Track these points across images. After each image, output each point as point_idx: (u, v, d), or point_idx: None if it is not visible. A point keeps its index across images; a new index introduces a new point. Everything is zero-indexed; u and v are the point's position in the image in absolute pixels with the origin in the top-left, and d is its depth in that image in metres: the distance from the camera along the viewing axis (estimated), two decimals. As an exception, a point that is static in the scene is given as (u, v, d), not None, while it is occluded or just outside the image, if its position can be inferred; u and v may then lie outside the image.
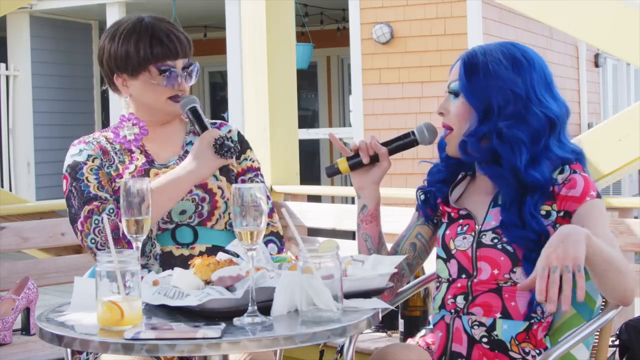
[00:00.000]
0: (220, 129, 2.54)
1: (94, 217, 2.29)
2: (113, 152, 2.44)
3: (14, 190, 9.91)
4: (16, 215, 3.99)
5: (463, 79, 2.12)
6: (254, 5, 4.47)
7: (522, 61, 2.12)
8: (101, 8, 9.76)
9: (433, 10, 8.10)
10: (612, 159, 3.52)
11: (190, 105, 2.42)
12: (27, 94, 10.13)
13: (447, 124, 2.16)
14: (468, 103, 2.12)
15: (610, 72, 12.63)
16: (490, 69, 2.10)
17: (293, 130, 4.63)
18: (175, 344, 1.59)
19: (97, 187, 2.35)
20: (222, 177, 2.44)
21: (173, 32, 2.42)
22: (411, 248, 2.31)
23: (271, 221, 2.49)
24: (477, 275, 2.11)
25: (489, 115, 2.09)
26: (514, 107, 2.08)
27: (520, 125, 2.08)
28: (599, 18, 3.70)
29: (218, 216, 2.41)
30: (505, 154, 2.07)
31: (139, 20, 2.44)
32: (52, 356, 2.93)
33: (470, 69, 2.12)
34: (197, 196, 2.39)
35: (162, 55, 2.39)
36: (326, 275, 1.71)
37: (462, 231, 2.16)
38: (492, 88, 2.09)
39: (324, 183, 12.05)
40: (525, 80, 2.10)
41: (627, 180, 11.19)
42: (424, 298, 2.99)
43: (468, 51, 2.18)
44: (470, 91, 2.11)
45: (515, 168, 2.06)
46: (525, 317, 2.07)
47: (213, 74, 13.30)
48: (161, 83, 2.40)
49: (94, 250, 2.29)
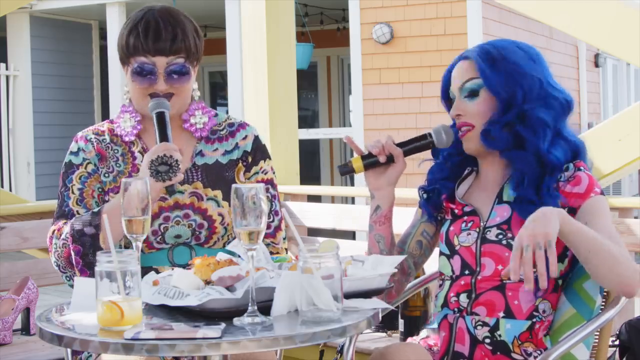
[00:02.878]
0: (239, 131, 2.43)
1: (54, 241, 2.28)
2: (113, 161, 2.36)
3: (14, 190, 9.91)
4: (16, 215, 3.99)
5: (487, 73, 2.12)
6: (254, 5, 4.48)
7: (530, 51, 2.17)
8: (101, 8, 9.76)
9: (433, 10, 8.10)
10: (612, 159, 3.53)
11: (157, 110, 2.27)
12: (27, 94, 10.13)
13: (468, 122, 2.15)
14: (492, 95, 2.12)
15: (610, 72, 12.63)
16: (509, 59, 2.13)
17: (293, 130, 4.64)
18: (175, 344, 1.59)
19: (77, 200, 2.32)
20: (224, 202, 2.34)
21: (158, 26, 2.27)
22: (417, 246, 2.31)
23: (272, 241, 2.41)
24: (480, 271, 2.11)
25: (514, 103, 2.11)
26: (538, 91, 2.11)
27: (543, 108, 2.11)
28: (599, 18, 3.70)
29: (216, 239, 2.35)
30: (529, 137, 2.09)
31: (145, 10, 2.33)
32: (52, 356, 2.92)
33: (490, 61, 2.13)
34: (194, 222, 2.31)
35: (135, 48, 2.27)
36: (326, 275, 1.71)
37: (466, 227, 2.16)
38: (516, 75, 2.12)
39: (324, 183, 12.06)
40: (542, 67, 2.15)
41: (627, 180, 11.19)
42: (424, 298, 2.99)
43: (475, 50, 2.18)
44: (495, 83, 2.12)
45: (539, 150, 2.08)
46: (527, 316, 2.07)
47: (213, 74, 13.30)
48: (133, 79, 2.30)
49: (59, 271, 2.30)
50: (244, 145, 2.42)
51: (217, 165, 2.39)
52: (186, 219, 2.30)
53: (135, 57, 2.29)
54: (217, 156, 2.40)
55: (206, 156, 2.40)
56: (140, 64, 2.28)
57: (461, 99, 2.16)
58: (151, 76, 2.28)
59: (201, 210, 2.31)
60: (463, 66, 2.18)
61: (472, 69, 2.16)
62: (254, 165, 2.43)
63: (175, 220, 2.30)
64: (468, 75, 2.16)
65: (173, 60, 2.29)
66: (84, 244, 2.22)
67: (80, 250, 2.22)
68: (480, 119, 2.14)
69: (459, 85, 2.17)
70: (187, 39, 2.30)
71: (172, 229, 2.30)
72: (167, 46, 2.27)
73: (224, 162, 2.40)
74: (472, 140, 2.16)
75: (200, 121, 2.40)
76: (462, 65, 2.18)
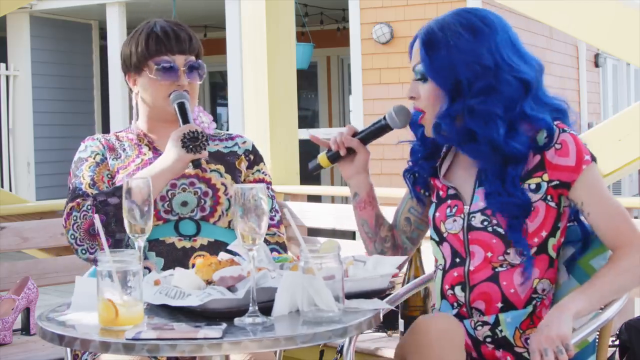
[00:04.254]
0: (237, 137, 2.60)
1: (73, 214, 2.34)
2: (121, 149, 2.50)
3: (14, 190, 9.90)
4: (16, 215, 3.99)
5: (426, 60, 2.04)
6: (254, 5, 4.47)
7: (482, 27, 2.02)
8: (101, 8, 9.76)
9: (433, 10, 8.10)
10: (612, 159, 3.52)
11: (179, 100, 2.43)
12: (27, 94, 10.12)
13: (419, 108, 2.11)
14: (435, 84, 2.04)
15: (610, 72, 12.63)
16: (452, 44, 2.01)
17: (293, 130, 4.64)
18: (176, 344, 1.59)
19: (89, 184, 2.41)
20: (227, 174, 2.47)
21: (173, 30, 2.47)
22: (407, 222, 2.31)
23: (278, 231, 2.51)
24: (471, 260, 2.09)
25: (460, 93, 2.01)
26: (483, 80, 2.00)
27: (493, 97, 2.00)
28: (599, 18, 3.70)
29: (221, 213, 2.42)
30: (480, 130, 2.00)
31: (150, 21, 2.52)
32: (52, 356, 2.92)
33: (430, 49, 2.03)
34: (199, 189, 2.42)
35: (157, 50, 2.45)
36: (327, 275, 1.71)
37: (451, 213, 2.13)
38: (458, 64, 2.00)
39: (324, 183, 12.05)
40: (490, 48, 2.00)
41: (627, 180, 11.19)
42: (424, 298, 2.99)
43: (425, 28, 2.08)
44: (435, 72, 2.03)
45: (493, 142, 1.99)
46: (526, 301, 2.07)
47: (213, 74, 13.29)
48: (158, 77, 2.44)
49: (74, 247, 2.34)
50: (245, 146, 2.60)
51: (219, 153, 2.54)
52: (192, 187, 2.42)
53: (155, 58, 2.45)
54: (218, 148, 2.56)
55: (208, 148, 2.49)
56: (164, 62, 2.45)
57: (414, 80, 2.10)
58: (174, 72, 2.45)
59: (205, 179, 2.44)
60: (416, 46, 2.09)
61: (418, 52, 2.08)
62: (255, 164, 2.58)
63: (182, 187, 2.42)
64: (417, 58, 2.09)
65: (190, 58, 2.49)
66: (107, 213, 2.31)
67: (104, 219, 2.30)
68: (430, 106, 2.07)
69: (412, 66, 2.10)
70: (197, 41, 2.53)
71: (179, 196, 2.40)
72: (186, 46, 2.48)
73: (225, 152, 2.55)
74: (427, 127, 2.11)
75: (205, 120, 2.57)
76: (416, 45, 2.09)
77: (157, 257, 2.36)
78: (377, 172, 8.43)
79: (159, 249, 2.36)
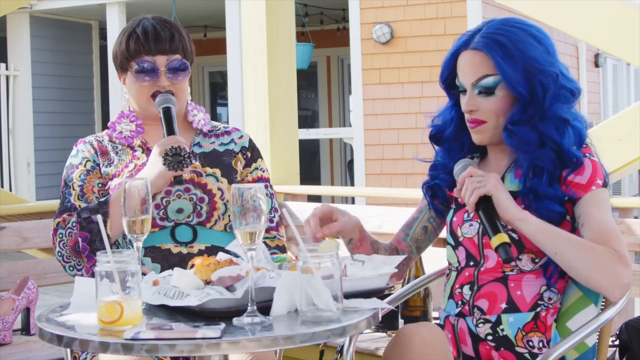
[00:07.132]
0: (234, 131, 2.57)
1: (59, 231, 2.36)
2: (113, 152, 2.47)
3: (14, 190, 9.91)
4: (16, 215, 4.00)
5: (506, 70, 2.03)
6: (254, 5, 4.48)
7: (542, 37, 2.08)
8: (101, 8, 9.76)
9: (433, 10, 8.11)
10: (612, 159, 3.52)
11: (164, 105, 2.40)
12: (27, 94, 10.13)
13: (480, 119, 2.10)
14: (511, 93, 2.05)
15: (610, 72, 12.63)
16: (527, 54, 2.03)
17: (293, 130, 4.64)
18: (175, 344, 1.59)
19: (78, 194, 2.40)
20: (223, 178, 2.44)
21: (155, 29, 2.42)
22: (423, 231, 2.32)
23: (278, 234, 2.50)
24: (484, 263, 2.11)
25: (534, 100, 2.04)
26: (554, 86, 2.04)
27: (560, 103, 2.05)
28: (599, 18, 3.70)
29: (217, 217, 2.41)
30: (553, 134, 2.03)
31: (139, 18, 2.48)
32: (52, 356, 2.92)
33: (507, 58, 2.03)
34: (194, 196, 2.40)
35: (136, 50, 2.41)
36: (326, 275, 1.71)
37: (468, 218, 2.16)
38: (536, 73, 2.03)
39: (324, 183, 12.06)
40: (552, 55, 2.07)
41: (627, 180, 11.18)
42: (424, 298, 2.99)
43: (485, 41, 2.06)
44: (515, 82, 2.03)
45: (562, 147, 2.03)
46: (531, 307, 2.06)
47: (213, 74, 13.29)
48: (137, 78, 2.42)
49: (62, 263, 2.36)
50: (241, 142, 2.56)
51: (215, 153, 2.51)
52: (187, 193, 2.39)
53: (136, 59, 2.42)
54: (214, 146, 2.53)
55: (204, 147, 2.52)
56: (142, 63, 2.40)
57: (474, 94, 2.09)
58: (153, 73, 2.41)
59: (201, 185, 2.41)
60: (475, 58, 2.07)
61: (487, 64, 2.06)
62: (253, 162, 2.54)
63: (177, 194, 2.39)
64: (483, 70, 2.06)
65: (172, 57, 2.43)
66: (92, 231, 2.30)
67: (87, 237, 2.30)
68: (495, 116, 2.08)
69: (472, 81, 2.08)
70: (183, 40, 2.46)
71: (174, 203, 2.38)
72: (167, 46, 2.42)
73: (221, 150, 2.52)
74: (483, 132, 2.11)
75: (199, 117, 2.54)
76: (474, 58, 2.07)
77: (153, 263, 2.36)
78: (377, 172, 8.44)
79: (155, 254, 2.36)
